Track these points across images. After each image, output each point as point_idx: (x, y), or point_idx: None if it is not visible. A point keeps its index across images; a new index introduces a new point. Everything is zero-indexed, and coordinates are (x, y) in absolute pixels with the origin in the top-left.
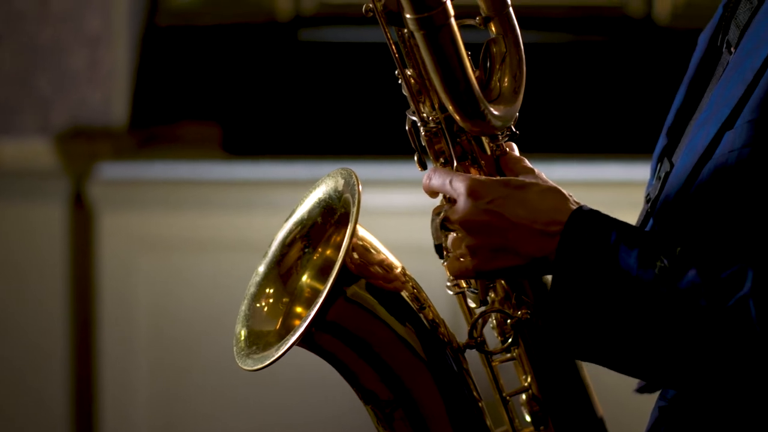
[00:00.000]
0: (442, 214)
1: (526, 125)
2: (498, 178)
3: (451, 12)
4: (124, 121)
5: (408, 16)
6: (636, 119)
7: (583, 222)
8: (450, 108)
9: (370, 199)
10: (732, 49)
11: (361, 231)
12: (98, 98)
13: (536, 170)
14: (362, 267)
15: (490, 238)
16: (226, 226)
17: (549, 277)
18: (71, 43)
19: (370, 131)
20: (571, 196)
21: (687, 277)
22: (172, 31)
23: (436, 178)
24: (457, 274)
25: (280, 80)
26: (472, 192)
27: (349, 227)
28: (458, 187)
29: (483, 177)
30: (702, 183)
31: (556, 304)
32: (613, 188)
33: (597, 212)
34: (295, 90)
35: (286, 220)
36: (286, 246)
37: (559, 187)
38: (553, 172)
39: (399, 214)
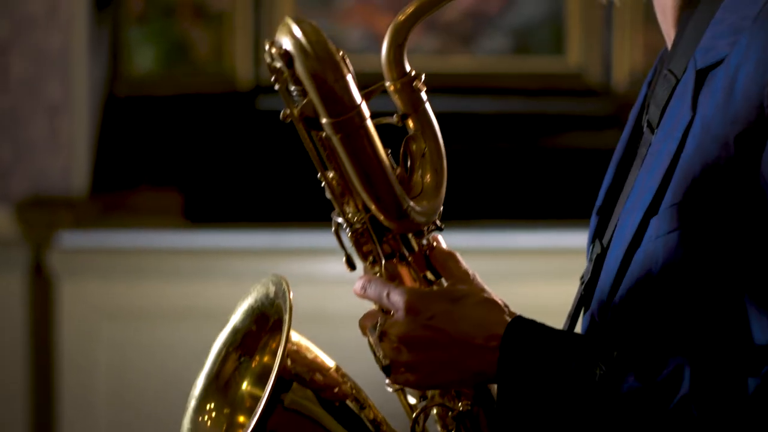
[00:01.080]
0: (379, 328)
1: (487, 193)
2: (436, 290)
3: (366, 114)
4: (84, 190)
5: (324, 120)
6: (597, 186)
7: (520, 334)
8: (373, 208)
9: (330, 268)
10: (653, 129)
11: (296, 336)
12: (58, 167)
13: (470, 272)
14: (298, 373)
15: (432, 354)
16: (187, 295)
17: None
18: (31, 112)
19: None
20: (506, 305)
21: (627, 382)
22: (132, 100)
23: (372, 289)
24: (400, 386)
25: (241, 148)
26: (411, 308)
27: (282, 335)
28: (397, 301)
29: (421, 290)
30: (633, 272)
31: (502, 415)
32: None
33: (533, 322)
34: (256, 158)
35: (222, 330)
36: (223, 357)
37: (494, 297)
38: (516, 240)
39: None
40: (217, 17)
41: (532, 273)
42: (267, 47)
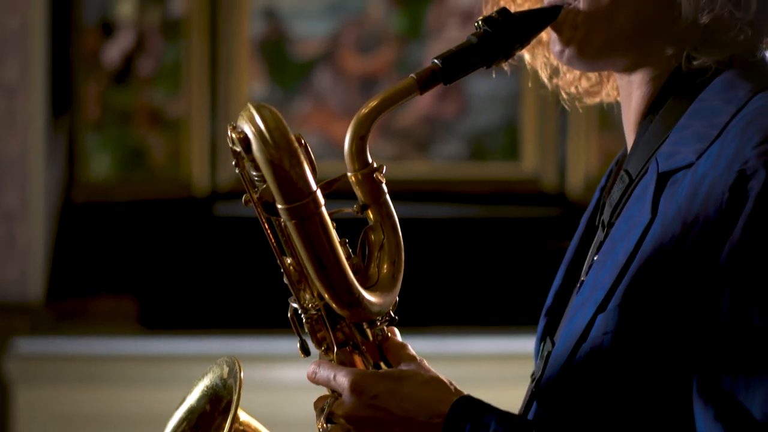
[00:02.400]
0: (326, 409)
1: (442, 299)
2: (380, 371)
3: (322, 201)
4: (40, 296)
5: (279, 206)
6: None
7: (463, 412)
8: (326, 296)
9: (286, 374)
10: (606, 228)
11: (244, 416)
12: (14, 273)
13: (419, 358)
14: None
15: None
16: (143, 401)
17: None
18: None
19: (286, 306)
20: (452, 384)
21: None
22: (89, 206)
23: (321, 372)
24: None
25: (197, 254)
26: (356, 387)
27: (229, 416)
28: (342, 382)
29: (366, 371)
30: (579, 363)
31: None
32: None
33: (477, 401)
34: (212, 264)
35: (176, 409)
36: None
37: (441, 377)
38: (473, 346)
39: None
40: (174, 123)
41: (489, 378)
42: (229, 131)
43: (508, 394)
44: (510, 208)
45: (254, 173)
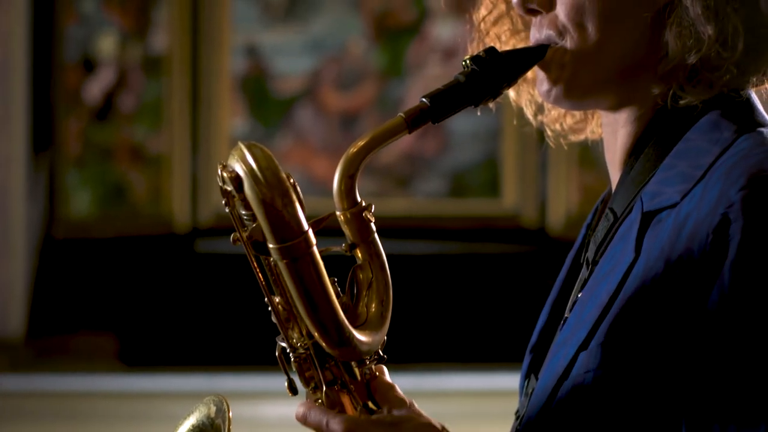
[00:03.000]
0: None
1: (423, 336)
2: (373, 418)
3: (313, 241)
4: (20, 333)
5: (271, 245)
6: (529, 328)
7: None
8: (316, 334)
9: (267, 411)
10: (591, 266)
11: None
12: None
13: (408, 400)
14: None
15: None
16: None
17: None
18: None
19: (268, 342)
20: (444, 428)
21: None
22: (69, 243)
23: (312, 416)
24: None
25: (178, 291)
26: None
27: None
28: (335, 429)
29: (359, 418)
30: (560, 401)
31: None
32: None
33: None
34: (193, 301)
35: None
36: None
37: (433, 421)
38: (448, 383)
39: (302, 427)
40: (155, 160)
41: (470, 415)
42: (219, 170)
43: (490, 431)
44: (490, 244)
45: (244, 212)
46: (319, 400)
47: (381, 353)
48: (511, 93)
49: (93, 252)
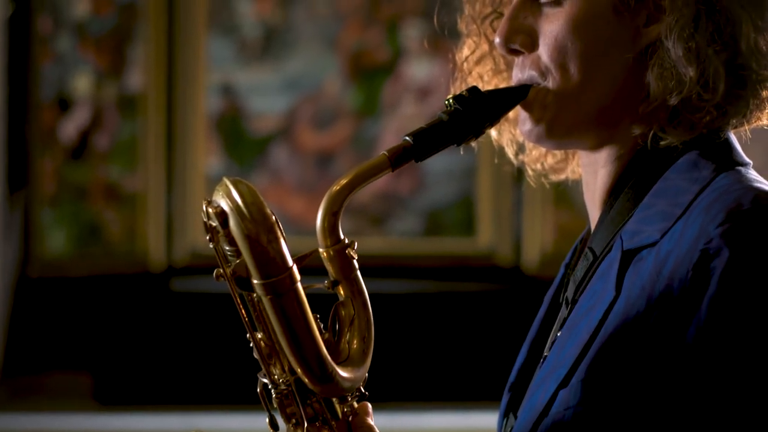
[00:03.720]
0: None
1: (399, 375)
2: None
3: (297, 277)
4: None
5: (255, 281)
6: (505, 366)
7: None
8: (299, 371)
9: None
10: (570, 305)
11: None
12: None
13: None
14: None
15: None
16: None
17: None
18: None
19: (244, 381)
20: None
21: None
22: (44, 282)
23: None
24: None
25: (153, 330)
26: None
27: None
28: None
29: None
30: None
31: None
32: None
33: None
34: (168, 339)
35: None
36: None
37: None
38: (425, 421)
39: None
40: (130, 199)
41: None
42: (204, 206)
43: None
44: (465, 283)
45: (227, 248)
46: None
47: (362, 390)
48: (493, 132)
49: (68, 291)
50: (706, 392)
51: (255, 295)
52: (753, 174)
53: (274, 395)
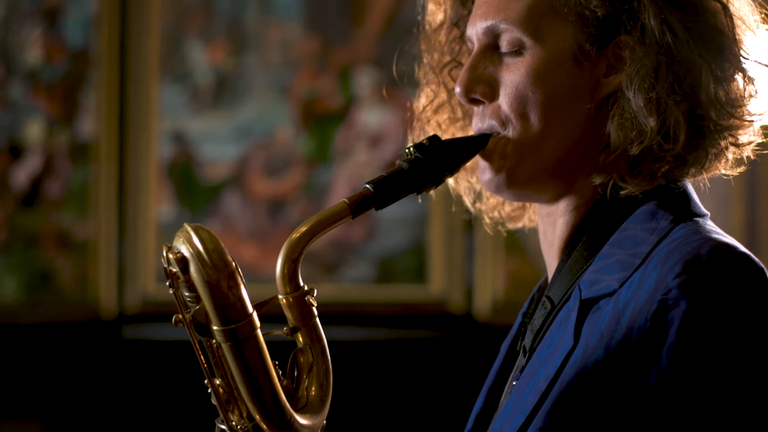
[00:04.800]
0: None
1: (351, 422)
2: None
3: (257, 324)
4: None
5: (215, 327)
6: (459, 413)
7: None
8: (257, 417)
9: None
10: (528, 353)
11: None
12: None
13: None
14: None
15: None
16: None
17: None
18: None
19: (199, 429)
20: None
21: None
22: None
23: None
24: None
25: (104, 377)
26: None
27: None
28: None
29: None
30: None
31: None
32: None
33: None
34: (120, 387)
35: None
36: None
37: None
38: None
39: None
40: (82, 246)
41: None
42: (164, 252)
43: None
44: (417, 330)
45: (187, 294)
46: None
47: None
48: (450, 181)
49: (19, 338)
50: None
51: (214, 341)
52: (710, 225)
53: None
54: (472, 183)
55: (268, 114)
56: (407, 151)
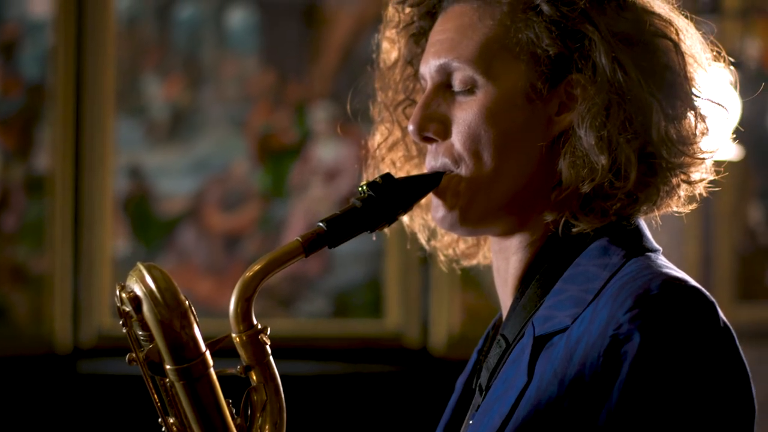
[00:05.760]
0: None
1: None
2: None
3: (210, 362)
4: None
5: (168, 366)
6: None
7: None
8: None
9: None
10: (483, 391)
11: None
12: None
13: None
14: None
15: None
16: None
17: None
18: None
19: None
20: None
21: None
22: None
23: None
24: None
25: (59, 412)
26: None
27: None
28: None
29: None
30: None
31: None
32: None
33: None
34: (74, 422)
35: None
36: None
37: None
38: None
39: None
40: (37, 280)
41: None
42: (117, 291)
43: None
44: (373, 364)
45: (140, 333)
46: None
47: None
48: (405, 218)
49: None
50: None
51: (168, 379)
52: (662, 260)
53: None
54: (427, 220)
55: (224, 148)
56: (360, 189)
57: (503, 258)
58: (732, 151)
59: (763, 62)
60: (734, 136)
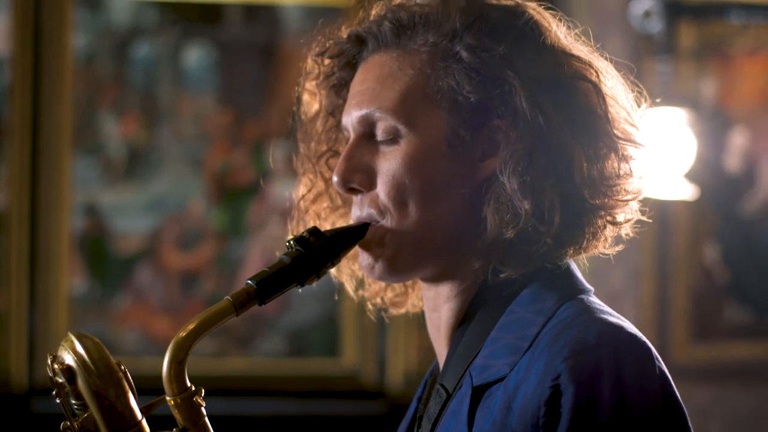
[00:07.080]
0: None
1: None
2: None
3: (147, 430)
4: None
5: None
6: None
7: None
8: None
9: None
10: None
11: None
12: None
13: None
14: None
15: None
16: None
17: None
18: None
19: None
20: None
21: None
22: None
23: None
24: None
25: None
26: None
27: None
28: None
29: None
30: None
31: None
32: None
33: None
34: None
35: None
36: None
37: None
38: None
39: None
40: None
41: None
42: (49, 361)
43: None
44: (330, 403)
45: (74, 402)
46: None
47: None
48: (332, 270)
49: None
50: None
51: None
52: (595, 302)
53: None
54: (354, 270)
55: (181, 187)
56: (288, 244)
57: (433, 306)
58: (687, 191)
59: (719, 102)
60: (689, 175)
